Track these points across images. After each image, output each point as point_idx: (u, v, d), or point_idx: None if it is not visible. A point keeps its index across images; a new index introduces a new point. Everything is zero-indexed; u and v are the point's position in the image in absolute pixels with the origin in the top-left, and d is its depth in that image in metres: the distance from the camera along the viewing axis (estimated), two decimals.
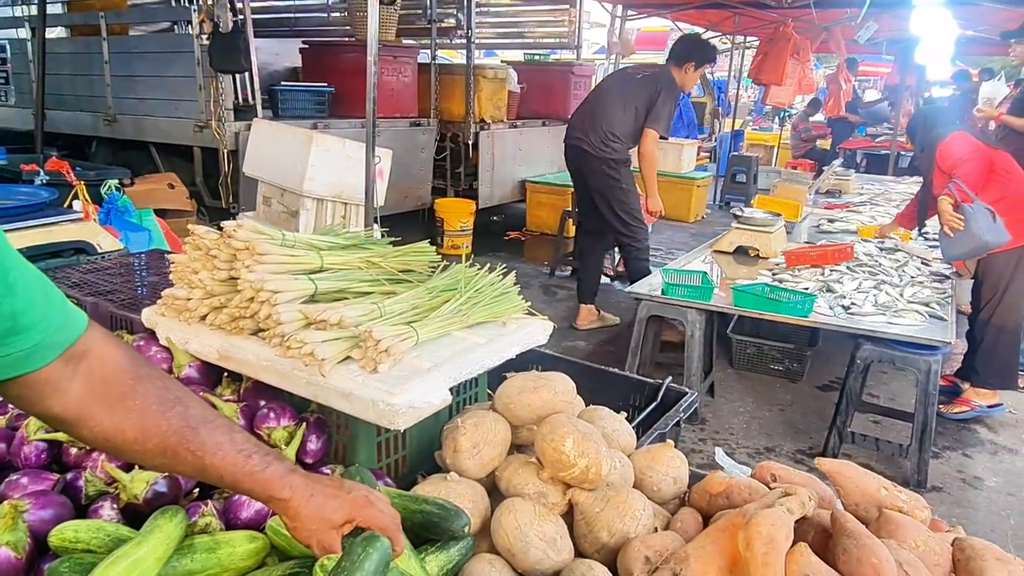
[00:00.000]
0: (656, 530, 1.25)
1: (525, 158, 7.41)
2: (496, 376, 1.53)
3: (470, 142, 6.69)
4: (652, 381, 2.14)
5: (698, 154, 9.38)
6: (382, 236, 1.86)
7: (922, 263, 4.16)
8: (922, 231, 4.68)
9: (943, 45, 6.73)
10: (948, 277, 3.88)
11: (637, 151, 4.44)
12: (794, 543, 1.12)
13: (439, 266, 1.75)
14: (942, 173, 3.76)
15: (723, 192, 9.71)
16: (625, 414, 1.58)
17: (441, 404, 1.28)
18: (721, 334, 4.41)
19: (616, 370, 2.22)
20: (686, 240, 7.10)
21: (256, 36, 5.30)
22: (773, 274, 3.91)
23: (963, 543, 1.14)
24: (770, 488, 1.30)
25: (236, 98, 5.25)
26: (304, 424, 1.34)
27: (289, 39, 7.27)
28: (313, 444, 1.34)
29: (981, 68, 11.05)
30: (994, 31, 7.19)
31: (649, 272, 4.23)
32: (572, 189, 5.83)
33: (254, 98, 5.25)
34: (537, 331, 1.63)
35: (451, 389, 1.33)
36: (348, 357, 1.31)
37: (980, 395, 3.75)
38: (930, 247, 4.52)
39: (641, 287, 3.69)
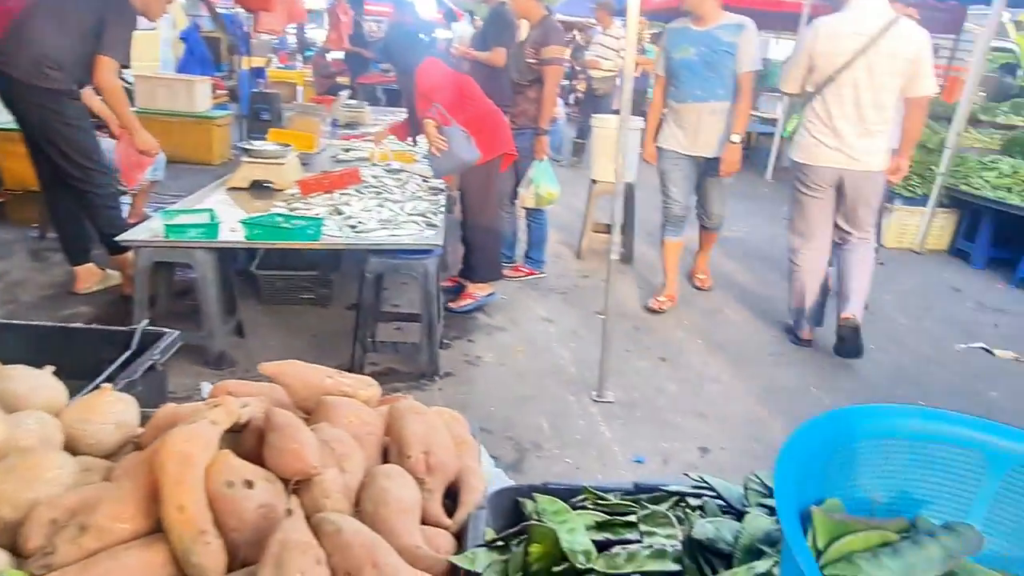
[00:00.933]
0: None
1: None
2: None
3: None
4: (124, 329, 1.90)
5: (215, 93, 8.80)
6: None
7: (422, 180, 4.57)
8: (414, 144, 5.22)
9: None
10: (442, 191, 4.35)
11: (94, 84, 3.83)
12: (236, 452, 1.08)
13: None
14: (423, 97, 4.13)
15: (248, 132, 9.33)
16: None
17: None
18: (248, 272, 4.27)
19: (79, 325, 1.92)
20: (212, 183, 6.63)
21: None
22: (288, 204, 3.87)
23: (392, 406, 1.24)
24: None
25: None
26: None
27: None
28: None
29: (467, 10, 12.54)
30: None
31: (123, 219, 3.81)
32: None
33: None
34: None
35: None
36: None
37: (478, 288, 4.35)
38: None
39: (139, 233, 3.30)
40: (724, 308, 4.76)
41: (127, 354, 1.81)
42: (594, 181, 5.52)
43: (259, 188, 4.22)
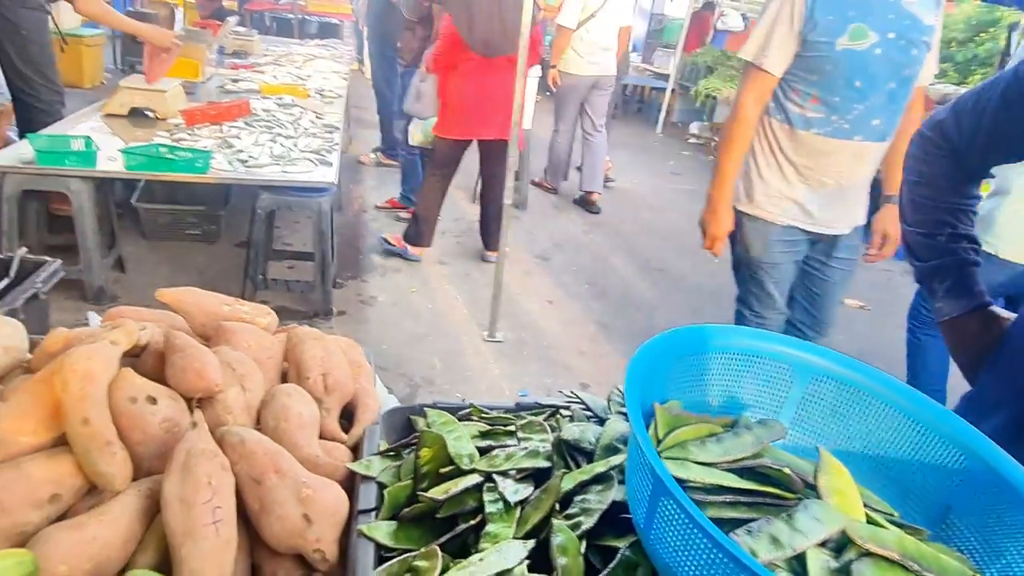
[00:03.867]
0: None
1: None
2: None
3: None
4: (1, 257, 1.83)
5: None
6: None
7: (316, 117, 4.47)
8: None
9: None
10: (337, 128, 4.28)
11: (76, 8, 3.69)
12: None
13: None
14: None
15: (124, 53, 8.70)
16: None
17: None
18: (129, 205, 4.09)
19: None
20: (84, 108, 6.17)
21: None
22: (171, 135, 3.71)
23: (291, 332, 1.30)
24: None
25: None
26: None
27: None
28: None
29: None
30: None
31: None
32: None
33: None
34: None
35: None
36: None
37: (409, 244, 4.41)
38: (325, 103, 4.91)
39: (7, 158, 3.09)
40: (611, 256, 5.00)
41: (5, 282, 1.76)
42: None
43: (139, 116, 4.01)
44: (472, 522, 0.90)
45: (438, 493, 0.93)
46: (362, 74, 9.11)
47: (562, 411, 1.15)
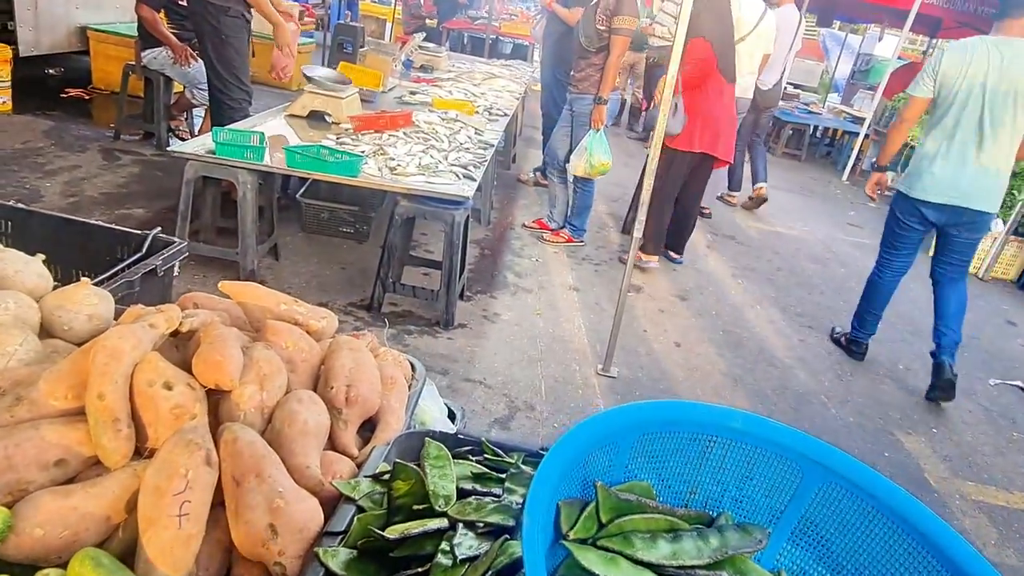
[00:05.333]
0: None
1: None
2: None
3: None
4: (138, 233, 2.03)
5: (302, 19, 8.96)
6: None
7: (475, 132, 4.61)
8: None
9: None
10: (492, 146, 4.37)
11: None
12: (178, 356, 1.19)
13: None
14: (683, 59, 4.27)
15: (330, 62, 9.51)
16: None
17: None
18: (296, 199, 4.43)
19: (98, 223, 2.06)
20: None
21: None
22: (338, 138, 3.98)
23: (332, 341, 1.32)
24: None
25: None
26: None
27: None
28: None
29: None
30: None
31: None
32: (137, 39, 5.17)
33: None
34: None
35: None
36: None
37: (647, 255, 4.72)
38: (490, 120, 5.05)
39: (191, 146, 3.47)
40: (757, 304, 4.68)
41: (135, 256, 1.94)
42: None
43: (317, 118, 4.34)
44: (419, 570, 0.85)
45: (395, 532, 0.89)
46: None
47: None
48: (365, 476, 1.08)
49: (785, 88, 9.96)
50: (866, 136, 9.00)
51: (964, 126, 3.51)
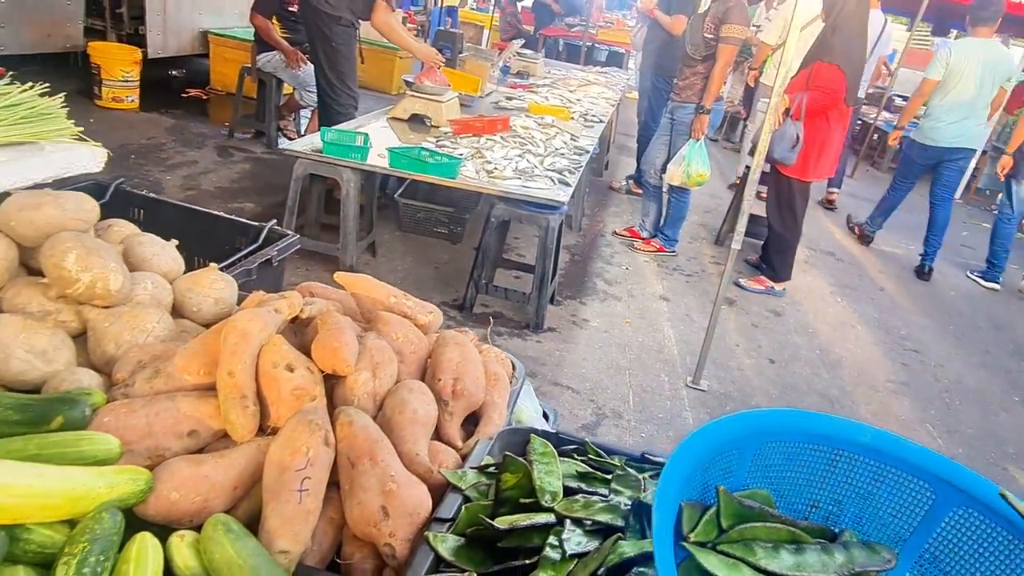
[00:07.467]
0: None
1: (209, 5, 6.68)
2: None
3: None
4: (255, 224, 2.15)
5: (404, 24, 9.23)
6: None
7: (571, 138, 4.62)
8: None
9: None
10: (587, 152, 4.37)
11: (372, 22, 4.35)
12: (298, 341, 1.25)
13: None
14: (806, 80, 4.21)
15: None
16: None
17: None
18: (393, 199, 4.56)
19: (221, 214, 2.19)
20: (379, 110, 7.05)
21: None
22: (437, 141, 4.08)
23: (439, 335, 1.35)
24: None
25: None
26: None
27: None
28: None
29: None
30: None
31: None
32: (253, 43, 5.46)
33: None
34: (84, 157, 1.53)
35: None
36: None
37: (772, 281, 4.68)
38: (585, 126, 5.06)
39: (299, 144, 3.63)
40: (857, 324, 4.48)
41: (252, 246, 2.05)
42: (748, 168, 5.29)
43: (417, 122, 4.46)
44: (527, 561, 0.86)
45: (503, 523, 0.90)
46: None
47: None
48: (471, 467, 1.10)
49: (892, 99, 9.51)
50: (984, 152, 8.46)
51: (963, 95, 5.21)
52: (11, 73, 2.00)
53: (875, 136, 9.39)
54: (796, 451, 0.75)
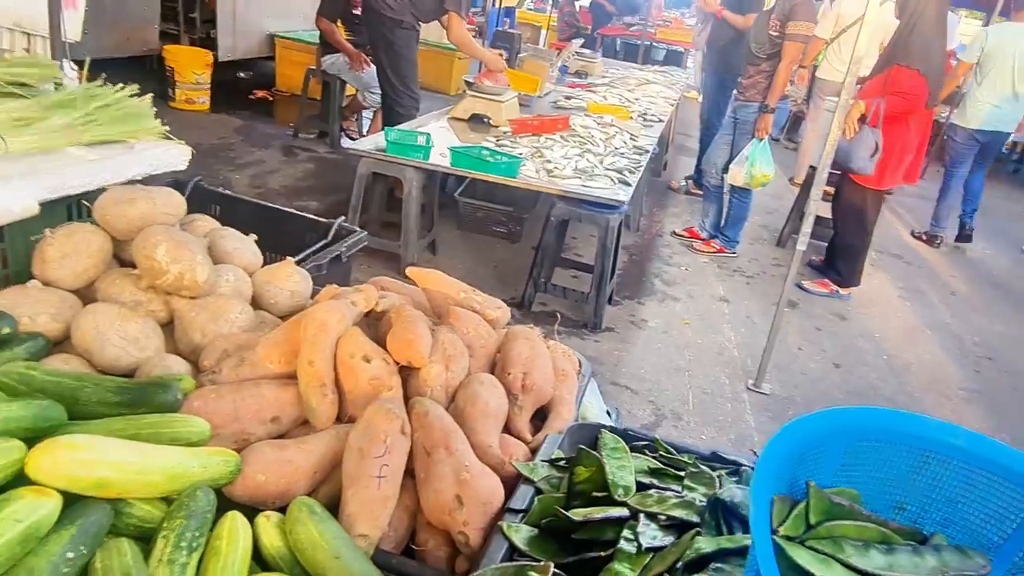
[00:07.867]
0: None
1: (275, 9, 6.87)
2: None
3: None
4: (325, 221, 2.20)
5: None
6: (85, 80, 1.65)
7: (630, 137, 4.59)
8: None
9: None
10: (647, 151, 4.34)
11: (447, 36, 4.50)
12: (373, 333, 1.28)
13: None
14: (884, 85, 4.02)
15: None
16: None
17: (22, 212, 1.24)
18: (454, 197, 4.61)
19: (292, 210, 2.25)
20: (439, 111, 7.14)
21: None
22: (497, 140, 4.10)
23: (509, 330, 1.37)
24: None
25: None
26: None
27: None
28: None
29: None
30: None
31: None
32: (318, 46, 5.60)
33: None
34: (171, 155, 1.60)
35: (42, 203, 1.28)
36: None
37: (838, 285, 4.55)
38: (644, 126, 5.02)
39: (363, 144, 3.71)
40: (927, 329, 4.32)
41: (323, 242, 2.11)
42: (813, 168, 5.16)
43: (477, 121, 4.50)
44: (602, 553, 0.87)
45: (578, 515, 0.91)
46: (697, 102, 9.06)
47: (746, 470, 1.04)
48: (542, 460, 1.11)
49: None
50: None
51: (1000, 78, 5.36)
52: (102, 75, 2.11)
53: (945, 136, 9.05)
54: (885, 450, 0.74)
